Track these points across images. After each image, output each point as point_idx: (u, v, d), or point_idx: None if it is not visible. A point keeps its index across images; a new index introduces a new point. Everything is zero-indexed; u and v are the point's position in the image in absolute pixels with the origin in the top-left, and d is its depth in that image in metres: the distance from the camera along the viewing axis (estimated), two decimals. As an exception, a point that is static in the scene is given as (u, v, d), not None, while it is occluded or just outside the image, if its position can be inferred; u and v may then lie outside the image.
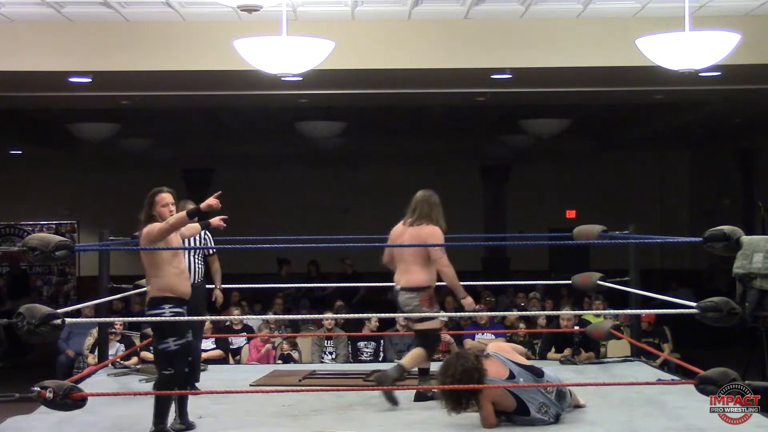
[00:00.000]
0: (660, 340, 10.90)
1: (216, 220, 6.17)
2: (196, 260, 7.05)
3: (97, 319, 8.38)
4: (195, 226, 6.28)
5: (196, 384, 6.64)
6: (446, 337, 10.38)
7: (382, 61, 9.79)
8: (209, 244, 7.27)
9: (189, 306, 6.60)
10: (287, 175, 19.56)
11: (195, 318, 6.11)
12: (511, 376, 5.95)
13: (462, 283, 6.96)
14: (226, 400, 6.65)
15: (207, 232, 7.13)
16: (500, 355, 6.10)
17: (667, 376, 7.65)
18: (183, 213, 5.75)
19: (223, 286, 7.63)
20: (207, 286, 7.33)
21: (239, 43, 6.75)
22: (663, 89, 11.54)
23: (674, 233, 16.52)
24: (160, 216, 5.76)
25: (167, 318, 5.63)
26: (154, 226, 5.70)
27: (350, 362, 10.18)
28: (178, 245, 5.98)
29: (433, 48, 9.73)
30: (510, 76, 10.39)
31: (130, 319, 8.53)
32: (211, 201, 5.84)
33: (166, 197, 5.84)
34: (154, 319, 5.71)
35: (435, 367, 6.57)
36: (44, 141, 17.42)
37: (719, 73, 10.03)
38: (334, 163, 19.35)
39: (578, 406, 6.33)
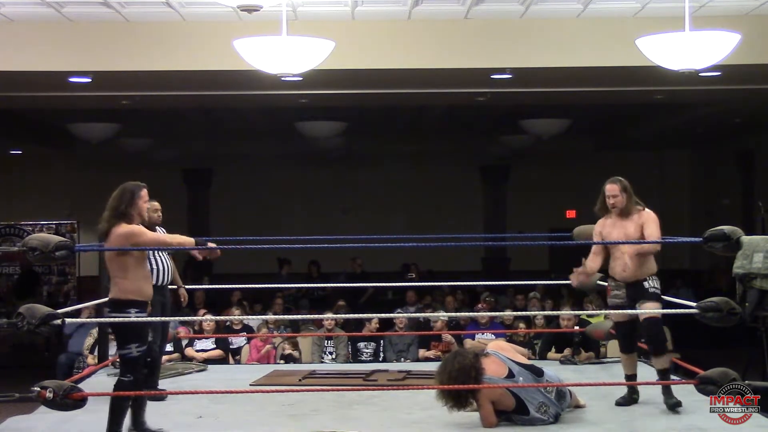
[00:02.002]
0: (659, 340, 10.88)
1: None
2: (166, 259, 6.97)
3: (97, 319, 8.37)
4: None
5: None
6: (447, 337, 10.38)
7: (382, 61, 9.79)
8: None
9: (160, 306, 6.64)
10: (287, 175, 19.56)
11: (196, 318, 6.09)
12: (511, 375, 5.95)
13: (462, 283, 6.96)
14: (226, 400, 6.65)
15: (163, 229, 7.07)
16: (500, 354, 6.11)
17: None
18: (192, 239, 5.77)
19: (224, 286, 7.65)
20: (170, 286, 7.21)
21: (239, 43, 6.75)
22: (663, 89, 11.54)
23: (674, 233, 16.50)
24: (140, 212, 5.64)
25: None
26: (145, 231, 5.60)
27: (350, 362, 10.17)
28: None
29: (433, 48, 9.72)
30: (510, 76, 10.39)
31: (131, 318, 8.51)
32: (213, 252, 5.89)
33: (146, 193, 5.73)
34: (171, 318, 5.70)
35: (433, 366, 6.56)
36: (44, 141, 17.42)
37: (719, 73, 10.03)
38: (334, 163, 19.35)
39: (578, 406, 6.33)
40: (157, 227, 6.93)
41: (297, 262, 16.42)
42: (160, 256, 6.86)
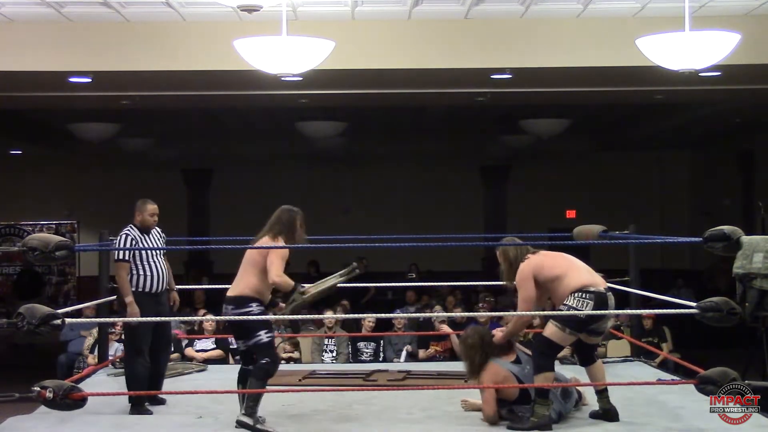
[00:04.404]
0: (659, 340, 10.90)
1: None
2: (163, 265, 6.77)
3: (97, 320, 8.37)
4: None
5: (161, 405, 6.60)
6: (446, 328, 10.38)
7: (382, 61, 9.79)
8: (163, 244, 7.02)
9: (155, 315, 6.54)
10: (287, 175, 19.56)
11: (196, 318, 6.08)
12: (518, 361, 5.98)
13: (462, 283, 6.93)
14: (226, 400, 6.64)
15: (161, 231, 6.95)
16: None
17: (667, 376, 7.64)
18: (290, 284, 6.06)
19: (224, 286, 7.58)
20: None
21: (239, 43, 6.75)
22: (663, 89, 11.54)
23: (674, 233, 16.53)
24: (297, 237, 6.27)
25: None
26: (285, 253, 6.05)
27: (350, 362, 10.17)
28: None
29: (433, 48, 9.73)
30: (510, 76, 10.39)
31: (131, 319, 8.55)
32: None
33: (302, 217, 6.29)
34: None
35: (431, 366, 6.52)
36: (44, 141, 17.44)
37: (719, 73, 10.03)
38: (334, 163, 19.36)
39: (585, 405, 6.32)
40: (152, 229, 6.82)
41: (296, 262, 16.40)
42: (156, 262, 6.69)
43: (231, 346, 10.57)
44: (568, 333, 5.83)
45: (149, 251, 6.66)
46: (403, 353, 10.51)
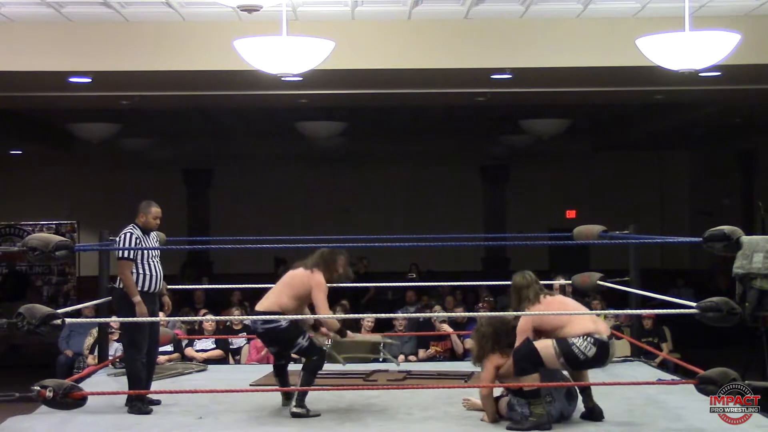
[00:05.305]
0: (659, 340, 10.90)
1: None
2: (159, 266, 6.81)
3: (97, 319, 8.38)
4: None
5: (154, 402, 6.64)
6: (447, 328, 10.38)
7: (382, 61, 9.79)
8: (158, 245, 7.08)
9: (150, 315, 6.66)
10: (287, 175, 19.56)
11: (196, 318, 6.07)
12: None
13: (462, 283, 6.97)
14: (226, 400, 6.66)
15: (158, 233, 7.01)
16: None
17: (667, 376, 7.65)
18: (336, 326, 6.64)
19: (224, 286, 7.63)
20: None
21: (239, 43, 6.75)
22: (663, 89, 11.54)
23: (674, 233, 16.54)
24: (335, 276, 6.67)
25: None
26: (325, 286, 6.53)
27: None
28: None
29: (433, 48, 9.72)
30: (510, 76, 10.38)
31: (130, 319, 8.55)
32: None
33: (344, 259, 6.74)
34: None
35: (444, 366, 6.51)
36: (44, 141, 17.43)
37: (719, 73, 10.03)
38: (334, 163, 19.35)
39: None
40: (152, 232, 6.83)
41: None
42: (153, 263, 6.71)
43: (231, 346, 10.58)
44: (560, 362, 5.84)
45: (148, 252, 6.67)
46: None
